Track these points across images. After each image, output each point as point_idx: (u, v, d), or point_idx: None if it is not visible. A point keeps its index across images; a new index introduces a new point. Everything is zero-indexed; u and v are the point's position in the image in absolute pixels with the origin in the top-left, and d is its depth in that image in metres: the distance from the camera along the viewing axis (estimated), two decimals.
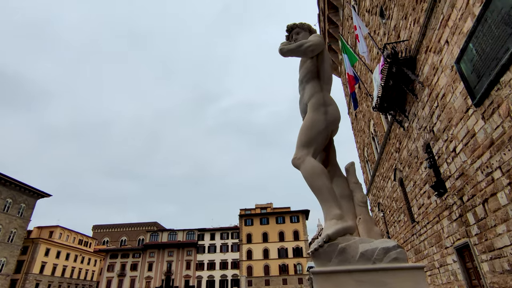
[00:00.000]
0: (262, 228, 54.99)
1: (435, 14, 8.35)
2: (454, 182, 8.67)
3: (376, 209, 20.38)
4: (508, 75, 5.79)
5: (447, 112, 8.48)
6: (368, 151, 20.41)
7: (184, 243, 55.61)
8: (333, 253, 2.38)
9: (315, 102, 3.58)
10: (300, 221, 55.56)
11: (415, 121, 10.95)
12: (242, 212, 58.57)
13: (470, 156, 7.61)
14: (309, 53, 3.67)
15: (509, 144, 6.04)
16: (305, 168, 3.10)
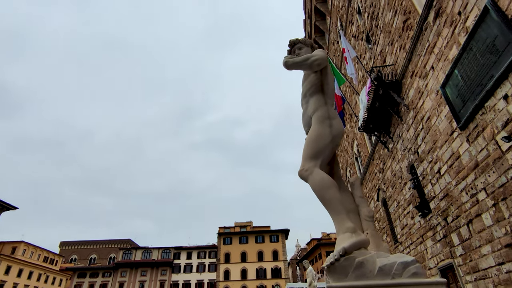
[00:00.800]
0: (241, 247, 53.75)
1: (421, 41, 8.80)
2: (438, 202, 8.87)
3: None
4: (493, 100, 6.10)
5: (432, 134, 8.79)
6: (351, 171, 20.73)
7: (159, 262, 53.21)
8: (350, 267, 2.28)
9: (320, 115, 3.57)
10: (279, 241, 54.87)
11: (400, 143, 11.28)
12: (221, 230, 57.21)
13: (454, 177, 7.85)
14: (315, 67, 3.70)
15: (493, 166, 6.28)
16: (313, 180, 3.03)
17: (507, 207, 6.02)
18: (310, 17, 26.02)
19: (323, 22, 23.85)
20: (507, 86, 5.69)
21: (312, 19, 25.33)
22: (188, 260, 54.46)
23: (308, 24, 28.19)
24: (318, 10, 23.57)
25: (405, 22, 9.72)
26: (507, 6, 5.43)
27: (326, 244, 51.83)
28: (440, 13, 7.65)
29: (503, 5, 5.52)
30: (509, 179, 5.87)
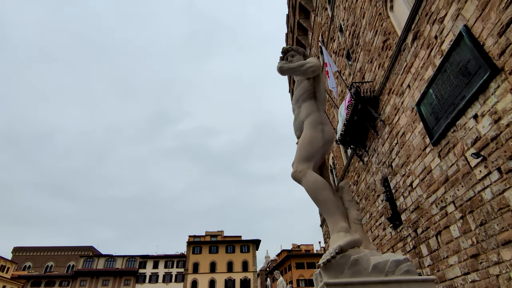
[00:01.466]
0: (210, 257, 52.60)
1: (399, 61, 9.34)
2: (409, 215, 9.28)
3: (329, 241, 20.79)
4: (464, 119, 6.56)
5: (406, 149, 9.25)
6: None
7: (122, 271, 50.65)
8: (346, 264, 2.33)
9: (313, 120, 3.67)
10: (250, 251, 54.36)
11: (375, 156, 11.74)
12: (190, 239, 55.76)
13: (426, 190, 8.27)
14: (310, 74, 3.81)
15: (462, 180, 6.71)
16: (307, 181, 3.09)
17: (473, 220, 6.43)
18: (293, 31, 26.76)
19: (305, 37, 24.61)
20: (477, 107, 6.16)
21: (294, 34, 26.06)
22: (155, 269, 52.35)
23: (290, 38, 28.94)
24: (300, 25, 24.33)
25: (384, 42, 10.29)
26: (480, 33, 5.93)
27: (297, 255, 52.08)
28: (418, 36, 8.19)
29: (476, 32, 6.02)
30: (476, 193, 6.30)
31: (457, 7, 6.54)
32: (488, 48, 5.74)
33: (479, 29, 5.95)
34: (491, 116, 5.80)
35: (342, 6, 14.62)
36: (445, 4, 6.95)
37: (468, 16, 6.23)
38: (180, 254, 55.64)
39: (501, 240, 5.71)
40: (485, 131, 5.98)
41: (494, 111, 5.71)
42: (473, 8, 6.06)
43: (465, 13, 6.32)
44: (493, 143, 5.79)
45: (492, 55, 5.67)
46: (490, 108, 5.82)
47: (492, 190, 5.87)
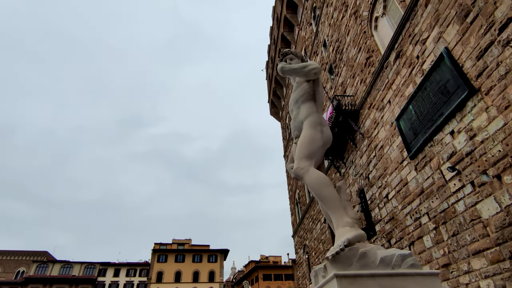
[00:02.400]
0: (176, 266, 50.82)
1: (381, 77, 9.80)
2: (384, 225, 9.59)
3: (300, 251, 20.93)
4: (441, 135, 6.97)
5: (383, 162, 9.63)
6: (300, 193, 21.44)
7: (80, 279, 47.48)
8: (354, 257, 2.34)
9: (313, 121, 3.74)
10: (217, 261, 53.25)
11: (352, 168, 12.10)
12: (156, 247, 53.67)
13: (401, 202, 8.62)
14: (312, 75, 3.90)
15: (437, 193, 7.08)
16: (310, 177, 3.12)
17: (446, 230, 6.77)
18: (276, 43, 27.32)
19: None
20: (454, 124, 6.58)
21: (277, 46, 26.60)
22: (115, 277, 49.61)
23: (273, 49, 29.50)
24: (284, 38, 24.91)
25: (368, 59, 10.78)
26: (459, 56, 6.40)
27: (264, 267, 51.73)
28: (400, 55, 8.67)
29: (456, 55, 6.49)
30: (450, 205, 6.66)
31: (439, 30, 7.03)
32: (467, 70, 6.20)
33: (459, 51, 6.42)
34: (466, 132, 6.21)
35: (327, 22, 15.19)
36: (427, 27, 7.45)
37: (449, 39, 6.71)
38: (143, 262, 53.29)
39: (471, 250, 6.04)
40: (460, 146, 6.38)
41: (470, 128, 6.13)
42: (454, 32, 6.54)
43: (446, 36, 6.80)
44: (467, 158, 6.19)
45: (470, 76, 6.12)
46: (466, 125, 6.24)
47: (465, 203, 6.23)
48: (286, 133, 27.70)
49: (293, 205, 23.73)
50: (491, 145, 5.62)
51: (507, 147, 5.30)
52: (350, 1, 12.25)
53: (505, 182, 5.33)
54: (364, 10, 10.93)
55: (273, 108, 31.50)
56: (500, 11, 5.42)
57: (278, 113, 30.95)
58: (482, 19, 5.82)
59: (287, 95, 26.86)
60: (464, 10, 6.26)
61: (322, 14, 16.07)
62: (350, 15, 12.27)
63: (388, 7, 9.69)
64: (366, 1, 10.81)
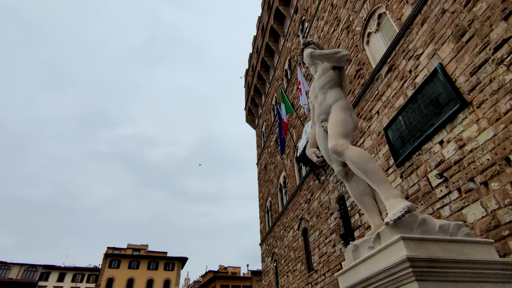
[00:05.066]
0: (129, 272, 47.87)
1: (370, 89, 10.28)
2: (363, 231, 9.86)
3: (268, 259, 20.77)
4: (430, 144, 7.41)
5: None
6: (272, 201, 21.46)
7: (18, 282, 42.81)
8: (414, 223, 2.36)
9: (343, 105, 3.82)
10: (174, 270, 51.13)
11: (333, 175, 12.39)
12: (109, 251, 50.28)
13: None
14: (344, 62, 4.02)
15: (422, 199, 7.45)
16: (353, 152, 3.14)
17: None
18: (259, 52, 27.70)
19: (271, 59, 25.65)
20: (443, 134, 7.04)
21: (260, 54, 26.98)
22: (59, 282, 45.52)
23: (254, 58, 29.86)
24: (268, 47, 25.36)
25: (358, 71, 11.29)
26: (453, 71, 6.92)
27: (223, 277, 50.52)
28: (393, 69, 9.18)
29: (450, 70, 7.01)
30: (435, 210, 7.03)
31: (434, 47, 7.57)
32: (460, 85, 6.71)
33: (452, 68, 6.94)
34: (456, 142, 6.66)
35: (317, 35, 15.75)
36: (422, 44, 8.00)
37: (443, 56, 7.25)
38: (93, 267, 49.67)
39: None
40: (449, 155, 6.82)
41: (460, 138, 6.58)
42: (449, 50, 7.08)
43: (441, 53, 7.34)
44: (455, 166, 6.62)
45: (462, 90, 6.62)
46: (456, 136, 6.69)
47: (451, 208, 6.62)
48: (261, 141, 27.84)
49: (263, 213, 23.66)
50: (480, 154, 6.07)
51: (495, 156, 5.76)
52: (343, 17, 12.84)
53: (492, 189, 5.75)
54: (358, 25, 11.50)
55: (249, 116, 31.62)
56: (496, 33, 5.98)
57: (254, 120, 31.10)
58: (477, 39, 6.38)
59: (265, 104, 27.16)
60: (460, 30, 6.82)
61: (311, 27, 16.64)
62: (342, 29, 12.83)
63: (382, 24, 10.29)
64: (360, 17, 11.39)
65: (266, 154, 25.03)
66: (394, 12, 9.34)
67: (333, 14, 13.91)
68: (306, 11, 18.10)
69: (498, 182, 5.66)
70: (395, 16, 9.31)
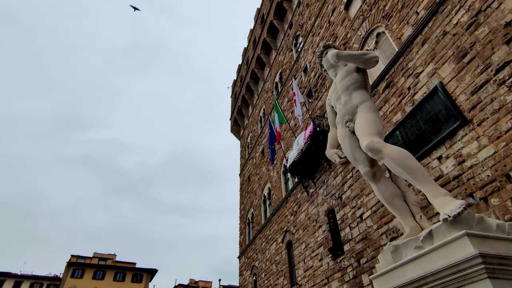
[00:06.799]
0: (93, 283, 44.95)
1: None
2: (354, 245, 9.79)
3: (247, 273, 20.19)
4: (428, 159, 7.56)
5: (360, 182, 10.03)
6: (255, 212, 21.10)
7: None
8: (473, 221, 2.26)
9: (371, 106, 3.76)
10: (142, 282, 48.61)
11: (323, 188, 12.36)
12: (73, 259, 47.17)
13: (377, 222, 8.95)
14: (372, 64, 3.98)
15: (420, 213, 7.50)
16: (392, 150, 3.04)
17: None
18: (249, 63, 27.90)
19: (261, 71, 25.87)
20: (442, 150, 7.21)
21: (250, 66, 27.17)
22: None
23: (244, 69, 30.02)
24: (260, 59, 25.61)
25: None
26: (453, 90, 7.17)
27: None
28: (391, 85, 9.43)
29: (450, 89, 7.26)
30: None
31: (434, 66, 7.86)
32: (460, 103, 6.94)
33: (453, 86, 7.20)
34: (455, 158, 6.83)
35: (311, 50, 16.08)
36: (422, 63, 8.29)
37: (444, 75, 7.52)
38: (53, 277, 46.18)
39: None
40: (448, 170, 6.96)
41: (459, 154, 6.75)
42: (450, 70, 7.36)
43: (441, 72, 7.62)
44: (454, 181, 6.75)
45: (463, 108, 6.85)
46: (455, 152, 6.86)
47: None
48: (245, 152, 27.63)
49: (244, 225, 23.18)
50: (480, 170, 6.23)
51: (496, 173, 5.92)
52: (340, 34, 13.20)
53: (492, 204, 5.88)
54: (355, 43, 11.83)
55: (235, 126, 31.45)
56: (498, 55, 6.28)
57: (239, 131, 30.93)
58: (479, 60, 6.67)
59: (252, 115, 27.15)
60: (461, 52, 7.13)
61: (306, 42, 16.99)
62: (338, 45, 13.15)
63: (380, 42, 10.64)
64: (358, 35, 11.75)
65: (250, 165, 24.80)
66: (394, 31, 9.69)
67: (330, 31, 14.29)
68: (301, 26, 18.52)
69: (499, 198, 5.80)
70: (394, 35, 9.65)
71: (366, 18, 11.37)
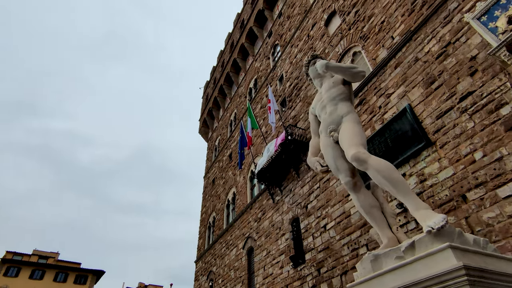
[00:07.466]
0: (30, 283, 41.06)
1: None
2: (315, 254, 9.96)
3: (203, 278, 19.68)
4: None
5: (327, 193, 10.29)
6: (217, 217, 20.75)
7: None
8: (453, 234, 2.36)
9: (356, 118, 3.87)
10: (87, 284, 45.40)
11: (289, 197, 12.50)
12: (8, 256, 42.81)
13: (340, 232, 9.20)
14: (359, 78, 4.11)
15: None
16: (378, 161, 3.11)
17: None
18: (224, 67, 27.76)
19: (236, 75, 25.82)
20: (406, 168, 7.63)
21: (225, 69, 27.03)
22: None
23: (219, 72, 29.79)
24: (236, 63, 25.58)
25: None
26: (421, 113, 7.66)
27: None
28: (363, 103, 9.86)
29: (417, 112, 7.75)
30: None
31: (404, 89, 8.36)
32: (426, 125, 7.43)
33: (420, 109, 7.70)
34: (418, 177, 7.26)
35: (289, 60, 16.40)
36: (394, 84, 8.78)
37: (413, 98, 8.02)
38: None
39: None
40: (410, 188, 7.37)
41: (422, 173, 7.20)
42: (419, 94, 7.88)
43: (411, 95, 8.12)
44: None
45: (428, 131, 7.34)
46: (418, 171, 7.31)
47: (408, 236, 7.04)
48: (212, 155, 27.23)
49: (204, 229, 22.68)
50: (440, 189, 6.68)
51: (453, 193, 6.38)
52: (319, 48, 13.62)
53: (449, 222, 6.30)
54: (332, 58, 12.26)
55: (203, 128, 30.94)
56: (462, 85, 6.84)
57: (207, 133, 30.47)
58: (445, 88, 7.22)
59: (223, 118, 26.92)
60: (430, 78, 7.67)
61: (284, 52, 17.30)
62: None
63: (356, 61, 11.13)
64: (335, 52, 12.20)
65: (216, 168, 24.45)
66: (370, 52, 10.20)
67: (309, 44, 14.69)
68: (280, 36, 18.84)
69: (454, 217, 6.24)
70: (370, 56, 10.15)
71: (345, 36, 11.86)
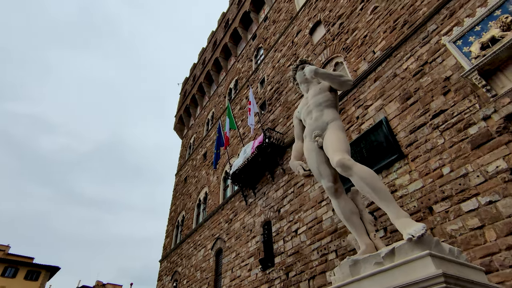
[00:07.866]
0: None
1: None
2: (285, 258, 10.02)
3: (167, 278, 19.14)
4: None
5: (300, 198, 10.42)
6: (186, 216, 20.32)
7: None
8: (432, 243, 2.45)
9: (340, 125, 3.97)
10: (39, 280, 42.53)
11: (263, 199, 12.51)
12: None
13: (310, 237, 9.33)
14: (346, 86, 4.21)
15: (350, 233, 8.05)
16: (362, 169, 3.18)
17: None
18: (205, 64, 27.42)
19: (216, 74, 25.59)
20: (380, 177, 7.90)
21: (206, 67, 26.72)
22: None
23: (199, 69, 29.37)
24: (217, 62, 25.35)
25: None
26: (395, 126, 7.99)
27: None
28: (342, 112, 10.11)
29: (393, 125, 8.08)
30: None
31: (382, 102, 8.69)
32: (400, 138, 7.76)
33: (395, 123, 8.03)
34: (389, 187, 7.54)
35: (271, 64, 16.51)
36: (372, 97, 9.10)
37: (389, 111, 8.36)
38: None
39: None
40: None
41: (393, 184, 7.49)
42: (395, 108, 8.22)
43: (387, 109, 8.45)
44: None
45: (401, 144, 7.66)
46: (389, 181, 7.59)
47: None
48: (185, 152, 26.71)
49: (172, 227, 22.12)
50: (409, 200, 6.98)
51: (421, 204, 6.69)
52: (302, 55, 13.84)
53: None
54: None
55: (179, 124, 30.30)
56: (435, 103, 7.23)
57: (183, 130, 29.87)
58: (420, 104, 7.59)
59: (199, 116, 26.53)
60: (406, 94, 8.03)
61: (267, 56, 17.40)
62: None
63: (338, 71, 11.40)
64: (318, 60, 12.45)
65: (189, 167, 24.00)
66: (351, 64, 10.51)
67: (292, 50, 14.88)
68: (264, 40, 18.94)
69: None
70: (351, 67, 10.46)
71: (328, 46, 12.15)
